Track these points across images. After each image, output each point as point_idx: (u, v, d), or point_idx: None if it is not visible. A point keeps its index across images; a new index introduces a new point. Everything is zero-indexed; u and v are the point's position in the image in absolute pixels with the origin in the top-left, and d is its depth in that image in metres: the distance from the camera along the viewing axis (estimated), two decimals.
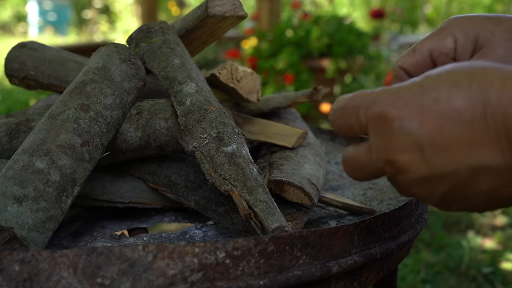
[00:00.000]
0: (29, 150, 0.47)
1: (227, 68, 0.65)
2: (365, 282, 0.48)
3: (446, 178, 0.32)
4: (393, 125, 0.33)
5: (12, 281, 0.34)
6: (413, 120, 0.32)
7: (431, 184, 0.33)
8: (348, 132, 0.37)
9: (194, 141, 0.51)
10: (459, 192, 0.33)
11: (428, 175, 0.33)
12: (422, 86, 0.33)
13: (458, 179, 0.32)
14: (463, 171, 0.32)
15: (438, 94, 0.32)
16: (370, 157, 0.36)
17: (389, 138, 0.33)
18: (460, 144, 0.31)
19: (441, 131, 0.31)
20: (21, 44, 0.69)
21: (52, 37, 10.28)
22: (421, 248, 1.61)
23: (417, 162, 0.33)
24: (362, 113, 0.35)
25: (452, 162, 0.32)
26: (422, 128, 0.32)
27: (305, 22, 3.39)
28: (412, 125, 0.32)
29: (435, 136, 0.32)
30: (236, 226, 0.53)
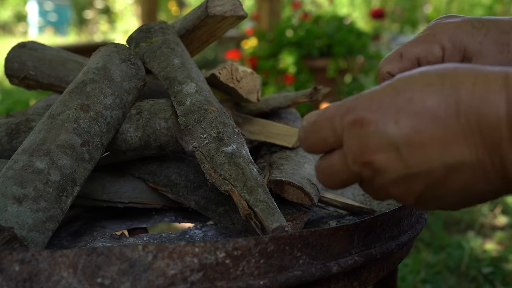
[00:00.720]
0: (29, 150, 0.47)
1: (227, 68, 0.65)
2: (365, 282, 0.48)
3: (422, 177, 0.33)
4: (369, 128, 0.34)
5: (12, 281, 0.34)
6: (388, 121, 0.33)
7: (408, 183, 0.34)
8: (321, 146, 0.38)
9: (194, 141, 0.51)
10: (435, 190, 0.34)
11: (405, 174, 0.33)
12: (395, 88, 0.34)
13: (433, 177, 0.33)
14: (439, 169, 0.32)
15: (411, 95, 0.33)
16: (344, 163, 0.36)
17: (365, 141, 0.34)
18: (435, 143, 0.32)
19: (416, 130, 0.32)
20: (21, 44, 0.69)
21: (52, 37, 10.28)
22: (421, 248, 1.61)
23: (394, 162, 0.33)
24: (337, 122, 0.36)
25: (427, 160, 0.32)
26: (397, 128, 0.33)
27: (305, 22, 3.39)
28: (387, 127, 0.33)
29: (410, 136, 0.32)
30: (236, 226, 0.53)
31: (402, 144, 0.33)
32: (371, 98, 0.34)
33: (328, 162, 0.38)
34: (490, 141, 0.31)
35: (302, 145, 0.39)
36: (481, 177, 0.32)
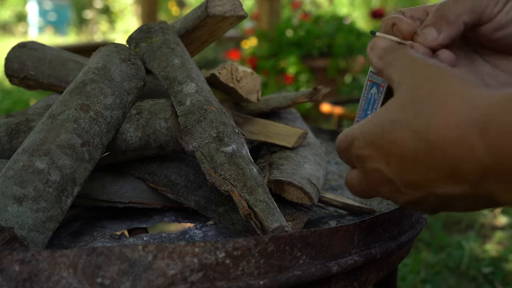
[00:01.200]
0: (29, 150, 0.47)
1: (227, 68, 0.65)
2: (365, 282, 0.48)
3: (424, 201, 0.36)
4: (368, 165, 0.38)
5: (12, 281, 0.34)
6: (381, 162, 0.36)
7: (416, 204, 0.37)
8: (351, 164, 0.42)
9: (194, 141, 0.51)
10: (444, 206, 0.37)
11: (409, 201, 0.37)
12: (383, 127, 0.36)
13: (434, 201, 0.36)
14: (432, 198, 0.35)
15: (394, 137, 0.35)
16: (359, 184, 0.41)
17: (367, 174, 0.38)
18: (422, 180, 0.35)
19: (404, 169, 0.35)
20: (21, 44, 0.69)
21: (52, 37, 10.28)
22: (421, 248, 1.61)
23: (396, 193, 0.37)
24: (348, 154, 0.40)
25: (421, 191, 0.36)
26: (389, 169, 0.36)
27: (305, 22, 3.39)
28: (381, 166, 0.37)
29: (401, 174, 0.35)
30: (236, 226, 0.53)
31: (397, 180, 0.36)
32: (364, 137, 0.38)
33: (349, 176, 0.42)
34: (472, 178, 0.31)
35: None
36: (475, 201, 0.34)
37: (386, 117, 0.36)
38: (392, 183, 0.37)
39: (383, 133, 0.36)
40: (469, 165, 0.31)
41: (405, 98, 0.35)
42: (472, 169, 0.31)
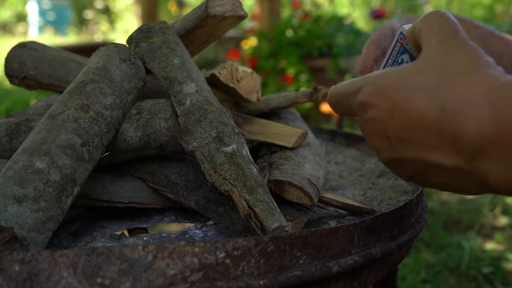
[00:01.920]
0: (29, 150, 0.47)
1: (227, 68, 0.65)
2: (365, 282, 0.48)
3: (409, 163, 0.38)
4: (369, 114, 0.38)
5: (12, 281, 0.34)
6: (384, 112, 0.37)
7: (398, 165, 0.39)
8: (347, 113, 0.43)
9: (194, 141, 0.51)
10: (421, 176, 0.38)
11: (394, 158, 0.38)
12: (400, 81, 0.37)
13: (417, 166, 0.37)
14: (420, 163, 0.37)
15: (407, 94, 0.36)
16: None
17: (365, 122, 0.39)
18: (418, 142, 0.36)
19: (404, 127, 0.36)
20: (21, 44, 0.69)
21: (52, 37, 10.28)
22: (421, 248, 1.61)
23: (385, 148, 0.38)
24: (351, 99, 0.41)
25: (411, 153, 0.37)
26: (391, 121, 0.37)
27: (305, 22, 3.39)
28: (383, 117, 0.37)
29: (399, 131, 0.36)
30: (236, 226, 0.53)
31: (394, 135, 0.37)
32: (377, 86, 0.38)
33: None
34: (469, 152, 0.33)
35: (332, 109, 0.45)
36: (460, 180, 0.35)
37: (408, 74, 0.37)
38: (386, 137, 0.38)
39: (400, 87, 0.36)
40: (471, 137, 0.32)
41: (434, 62, 0.36)
42: (473, 142, 0.32)
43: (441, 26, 0.38)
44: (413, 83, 0.36)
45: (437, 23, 0.38)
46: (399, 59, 0.46)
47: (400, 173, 0.40)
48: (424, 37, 0.39)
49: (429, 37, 0.38)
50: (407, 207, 0.52)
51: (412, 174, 0.38)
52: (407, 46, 0.45)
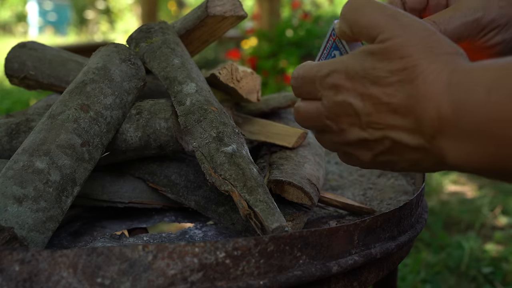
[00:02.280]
0: (29, 150, 0.47)
1: (227, 68, 0.65)
2: (365, 282, 0.48)
3: (376, 143, 0.40)
4: (341, 96, 0.40)
5: (12, 281, 0.34)
6: (356, 95, 0.39)
7: (365, 145, 0.41)
8: (306, 96, 0.44)
9: (194, 141, 0.51)
10: (387, 156, 0.40)
11: (363, 138, 0.40)
12: (368, 65, 0.38)
13: (384, 145, 0.39)
14: (388, 141, 0.39)
15: (377, 78, 0.38)
16: (318, 114, 0.43)
17: (336, 105, 0.41)
18: (386, 124, 0.38)
19: (375, 109, 0.38)
20: (21, 44, 0.69)
21: (52, 37, 10.28)
22: (421, 248, 1.61)
23: (352, 126, 0.40)
24: (318, 82, 0.42)
25: (379, 132, 0.39)
26: (362, 104, 0.39)
27: (305, 22, 3.39)
28: (355, 100, 0.39)
29: (370, 112, 0.38)
30: (236, 226, 0.53)
31: (363, 115, 0.39)
32: (347, 71, 0.40)
33: (306, 107, 0.44)
34: (430, 132, 0.36)
35: (293, 91, 0.46)
36: (423, 157, 0.38)
37: (373, 61, 0.38)
38: (356, 118, 0.39)
39: (366, 73, 0.38)
40: (432, 118, 0.35)
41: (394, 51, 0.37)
42: (433, 122, 0.35)
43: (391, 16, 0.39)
44: (376, 70, 0.38)
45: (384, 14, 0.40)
46: (332, 54, 0.48)
47: (363, 155, 0.42)
48: (371, 29, 0.40)
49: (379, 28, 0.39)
50: (407, 207, 0.52)
51: (379, 152, 0.40)
52: (338, 43, 0.47)
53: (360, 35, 0.41)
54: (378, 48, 0.38)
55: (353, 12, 0.41)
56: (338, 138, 0.43)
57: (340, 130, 0.42)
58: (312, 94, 0.43)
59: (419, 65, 0.36)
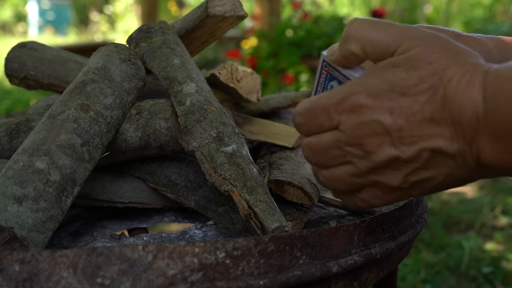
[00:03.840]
0: (29, 150, 0.47)
1: (227, 68, 0.65)
2: (365, 282, 0.48)
3: (411, 159, 0.37)
4: (367, 116, 0.38)
5: (12, 281, 0.34)
6: (384, 112, 0.37)
7: (396, 165, 0.38)
8: (316, 131, 0.41)
9: (194, 141, 0.51)
10: (421, 173, 0.38)
11: (395, 156, 0.37)
12: (388, 81, 0.37)
13: (420, 160, 0.37)
14: (425, 154, 0.37)
15: (405, 91, 0.36)
16: (336, 142, 0.40)
17: (362, 126, 0.38)
18: (423, 133, 0.36)
19: (408, 122, 0.36)
20: (21, 44, 0.69)
21: (52, 37, 10.28)
22: (421, 248, 1.61)
23: (386, 145, 0.37)
24: (333, 110, 0.39)
25: (416, 145, 0.36)
26: (392, 119, 0.37)
27: (305, 22, 3.39)
28: (384, 117, 0.37)
29: (403, 126, 0.36)
30: (236, 226, 0.53)
31: (395, 131, 0.37)
32: (366, 87, 0.38)
33: (319, 139, 0.41)
34: (470, 134, 0.35)
35: (298, 129, 0.43)
36: (461, 165, 0.36)
37: (394, 74, 0.37)
38: (386, 136, 0.37)
39: (393, 86, 0.37)
40: (471, 118, 0.34)
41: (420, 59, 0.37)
42: (472, 122, 0.34)
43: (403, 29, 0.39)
44: (404, 81, 0.36)
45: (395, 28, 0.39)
46: (328, 86, 0.46)
47: (394, 177, 0.39)
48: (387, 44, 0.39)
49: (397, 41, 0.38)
50: (407, 207, 0.52)
51: (409, 174, 0.38)
52: (333, 72, 0.45)
53: (374, 54, 0.40)
54: (403, 59, 0.37)
55: (364, 31, 0.40)
56: (362, 165, 0.39)
57: (365, 154, 0.38)
58: (324, 125, 0.40)
59: (449, 68, 0.36)
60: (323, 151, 0.41)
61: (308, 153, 0.42)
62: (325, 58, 0.45)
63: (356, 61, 0.42)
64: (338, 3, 6.68)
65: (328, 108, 0.39)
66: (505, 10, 6.46)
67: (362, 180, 0.40)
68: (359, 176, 0.40)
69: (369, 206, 0.42)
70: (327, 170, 0.42)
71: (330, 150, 0.40)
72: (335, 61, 0.43)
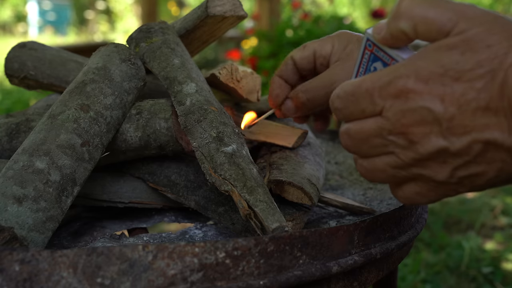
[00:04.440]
0: (29, 150, 0.47)
1: (227, 68, 0.65)
2: (365, 282, 0.48)
3: (459, 152, 0.34)
4: (415, 102, 0.34)
5: (12, 281, 0.34)
6: (435, 98, 0.34)
7: (446, 157, 0.35)
8: (358, 116, 0.38)
9: (194, 141, 0.51)
10: (470, 168, 0.35)
11: (445, 147, 0.34)
12: (444, 65, 0.34)
13: (471, 153, 0.34)
14: (477, 146, 0.33)
15: (460, 75, 0.33)
16: (378, 130, 0.36)
17: (409, 113, 0.35)
18: (476, 123, 0.33)
19: (461, 111, 0.33)
20: (21, 44, 0.69)
21: (52, 37, 10.28)
22: (421, 248, 1.61)
23: (432, 137, 0.34)
24: (376, 94, 0.36)
25: (469, 136, 0.33)
26: (443, 107, 0.33)
27: (305, 22, 3.39)
28: (434, 104, 0.34)
29: (455, 115, 0.33)
30: (236, 226, 0.53)
31: (446, 120, 0.33)
32: (416, 70, 0.35)
33: (359, 126, 0.37)
34: None
35: (337, 114, 0.39)
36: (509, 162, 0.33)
37: (449, 56, 0.34)
38: (435, 125, 0.34)
39: (446, 70, 0.34)
40: None
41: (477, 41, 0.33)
42: None
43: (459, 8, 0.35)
44: (459, 64, 0.33)
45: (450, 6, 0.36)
46: (371, 68, 0.42)
47: (441, 170, 0.35)
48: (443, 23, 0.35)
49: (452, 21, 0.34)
50: (407, 207, 0.52)
51: (457, 168, 0.35)
52: (377, 53, 0.41)
53: (426, 33, 0.36)
54: (459, 40, 0.34)
55: (417, 7, 0.36)
56: (405, 156, 0.36)
57: (410, 144, 0.35)
58: (367, 110, 0.37)
59: (510, 52, 0.32)
60: (364, 140, 0.37)
61: (347, 141, 0.39)
62: (370, 36, 0.41)
63: (405, 41, 0.38)
64: (338, 3, 6.68)
65: (372, 92, 0.36)
66: (505, 10, 6.46)
67: (405, 172, 0.37)
68: (402, 168, 0.37)
69: (412, 203, 0.39)
70: (367, 159, 0.39)
71: (372, 138, 0.37)
72: (381, 40, 0.39)
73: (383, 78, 0.36)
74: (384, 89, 0.36)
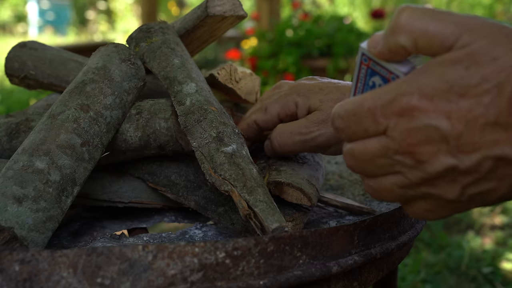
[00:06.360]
0: (29, 150, 0.47)
1: (226, 69, 0.65)
2: (365, 282, 0.48)
3: (469, 170, 0.33)
4: (420, 120, 0.33)
5: (12, 281, 0.34)
6: (441, 116, 0.32)
7: (454, 176, 0.34)
8: (361, 136, 0.36)
9: (194, 141, 0.51)
10: (481, 185, 0.34)
11: (453, 166, 0.33)
12: (446, 80, 0.33)
13: (481, 171, 0.33)
14: (488, 163, 0.32)
15: (467, 88, 0.32)
16: (383, 150, 0.35)
17: (415, 132, 0.33)
18: (485, 139, 0.32)
19: (468, 127, 0.32)
20: (22, 43, 0.69)
21: (52, 37, 10.28)
22: (421, 248, 1.61)
23: (439, 156, 0.33)
24: (379, 113, 0.35)
25: (478, 154, 0.32)
26: (450, 124, 0.32)
27: (305, 22, 3.39)
28: (438, 121, 0.33)
29: (463, 132, 0.32)
30: (236, 226, 0.53)
31: (453, 138, 0.32)
32: (420, 87, 0.33)
33: (363, 146, 0.36)
34: None
35: (338, 134, 0.38)
36: None
37: (453, 72, 0.33)
38: (442, 143, 0.33)
39: (451, 86, 0.32)
40: None
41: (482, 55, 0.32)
42: None
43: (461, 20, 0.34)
44: (464, 79, 0.32)
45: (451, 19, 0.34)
46: (370, 82, 0.40)
47: (450, 189, 0.34)
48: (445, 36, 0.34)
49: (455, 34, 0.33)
50: None
51: (467, 186, 0.34)
52: (375, 67, 0.39)
53: (428, 48, 0.34)
54: (463, 54, 0.32)
55: (417, 21, 0.34)
56: (413, 176, 0.35)
57: (417, 164, 0.34)
58: (370, 130, 0.35)
59: None
60: (369, 160, 0.36)
61: (351, 161, 0.38)
62: (365, 51, 0.39)
63: (404, 55, 0.37)
64: (338, 3, 6.68)
65: (374, 111, 0.35)
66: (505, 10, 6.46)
67: (413, 192, 0.36)
68: (410, 188, 0.36)
69: (423, 219, 0.39)
70: (373, 179, 0.37)
71: (377, 159, 0.36)
72: (378, 54, 0.38)
73: (385, 96, 0.34)
74: (387, 107, 0.34)
